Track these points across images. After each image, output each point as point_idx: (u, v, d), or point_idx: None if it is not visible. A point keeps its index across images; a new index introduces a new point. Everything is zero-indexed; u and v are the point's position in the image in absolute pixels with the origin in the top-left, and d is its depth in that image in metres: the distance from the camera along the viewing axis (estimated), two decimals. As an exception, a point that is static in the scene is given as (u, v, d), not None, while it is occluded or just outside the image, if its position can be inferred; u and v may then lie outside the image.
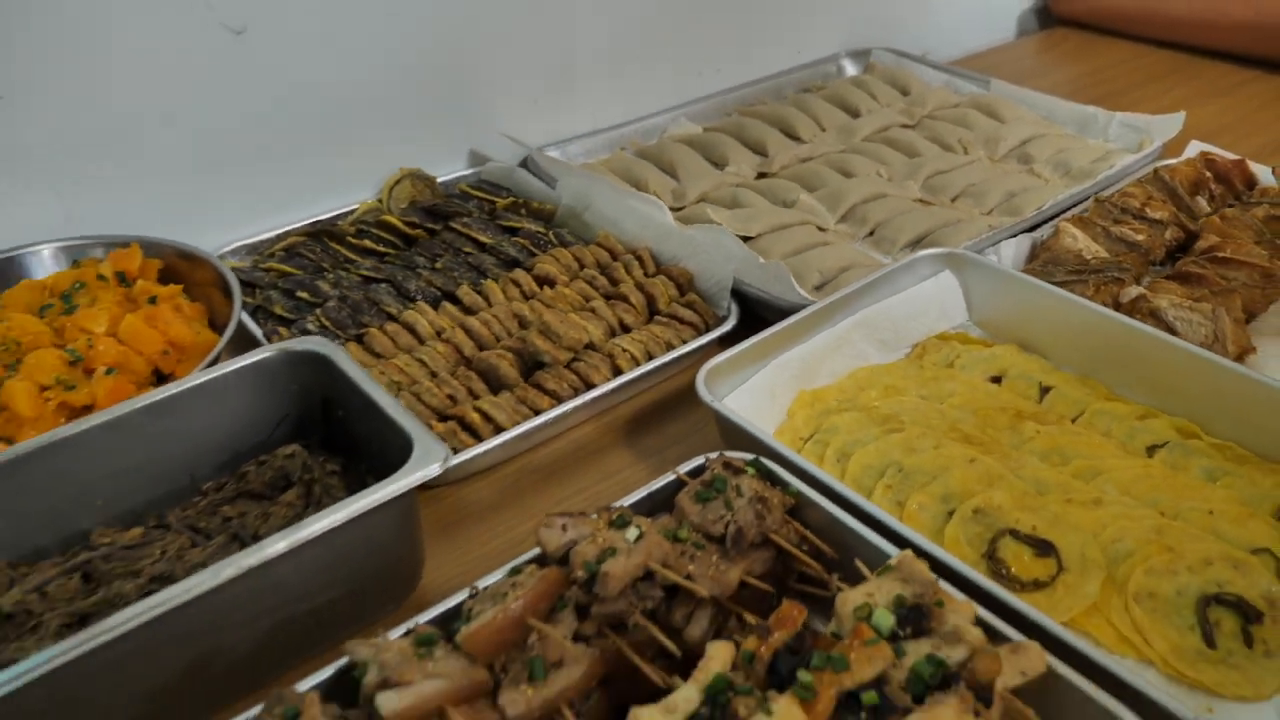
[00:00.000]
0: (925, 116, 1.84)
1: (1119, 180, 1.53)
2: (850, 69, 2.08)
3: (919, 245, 1.42)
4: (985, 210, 1.53)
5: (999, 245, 1.35)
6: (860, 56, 2.09)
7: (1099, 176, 1.55)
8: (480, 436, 1.06)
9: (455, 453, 1.01)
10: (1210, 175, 1.52)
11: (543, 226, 1.43)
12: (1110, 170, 1.56)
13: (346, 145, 1.50)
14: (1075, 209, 1.45)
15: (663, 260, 1.36)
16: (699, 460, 0.90)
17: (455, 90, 1.60)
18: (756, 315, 1.23)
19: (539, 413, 1.09)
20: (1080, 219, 1.40)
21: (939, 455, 1.01)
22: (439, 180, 1.56)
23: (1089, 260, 1.31)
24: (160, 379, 1.09)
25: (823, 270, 1.35)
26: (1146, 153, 1.61)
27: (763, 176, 1.67)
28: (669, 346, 1.20)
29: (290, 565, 0.78)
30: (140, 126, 1.31)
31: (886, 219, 1.49)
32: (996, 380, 1.15)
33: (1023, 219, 1.44)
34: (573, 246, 1.38)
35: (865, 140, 1.75)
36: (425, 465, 0.82)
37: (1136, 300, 1.22)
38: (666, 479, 0.88)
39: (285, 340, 0.99)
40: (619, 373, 1.16)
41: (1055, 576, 0.89)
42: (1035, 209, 1.46)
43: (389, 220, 1.42)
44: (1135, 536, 0.91)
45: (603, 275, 1.32)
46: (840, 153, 1.70)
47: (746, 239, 1.42)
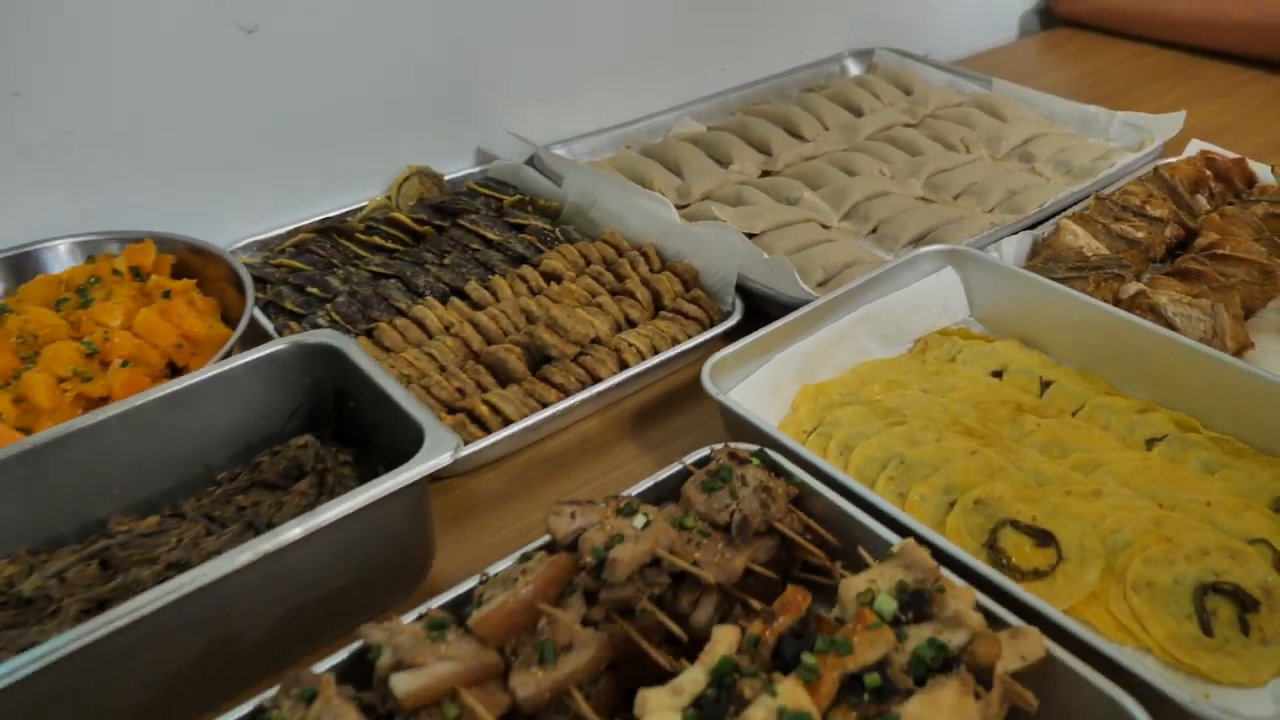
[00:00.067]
0: (928, 116, 1.85)
1: (1120, 178, 1.53)
2: (853, 69, 2.10)
3: (921, 242, 1.43)
4: (987, 208, 1.54)
5: (1000, 242, 1.36)
6: (863, 56, 2.10)
7: (1100, 175, 1.56)
8: (489, 429, 1.08)
9: (464, 444, 1.03)
10: (1210, 173, 1.53)
11: (549, 223, 1.44)
12: (1111, 169, 1.57)
13: (355, 143, 1.52)
14: (1076, 207, 1.46)
15: (668, 256, 1.37)
16: (704, 451, 0.91)
17: (463, 89, 1.61)
18: (760, 311, 1.24)
19: (546, 406, 1.11)
20: (1081, 216, 1.41)
21: (941, 448, 1.02)
22: (446, 178, 1.57)
23: (1089, 257, 1.32)
24: (174, 372, 1.10)
25: (826, 266, 1.36)
26: (1147, 151, 1.62)
27: (767, 175, 1.68)
28: (674, 341, 1.21)
29: (304, 552, 0.80)
30: (153, 124, 1.32)
31: (889, 216, 1.51)
32: (998, 375, 1.16)
33: (1024, 216, 1.45)
34: (579, 243, 1.39)
35: (868, 139, 1.76)
36: (437, 454, 0.83)
37: (1136, 296, 1.23)
38: (673, 469, 0.90)
39: (297, 333, 1.01)
40: (625, 367, 1.17)
41: (1055, 566, 0.90)
42: (1037, 207, 1.47)
43: (398, 217, 1.43)
44: (1134, 527, 0.92)
45: (609, 271, 1.34)
46: (843, 151, 1.71)
47: (751, 236, 1.43)
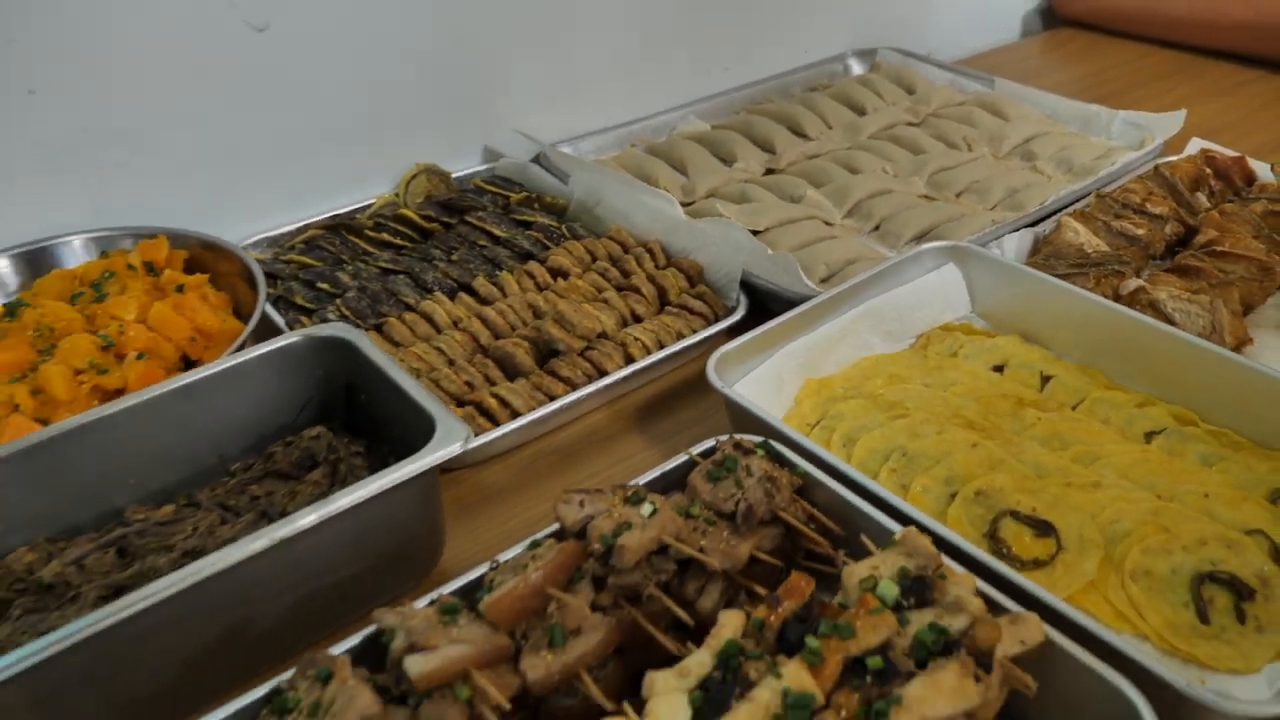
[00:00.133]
0: (930, 114, 1.86)
1: (1121, 176, 1.54)
2: (856, 68, 2.11)
3: (924, 239, 1.44)
4: (989, 206, 1.55)
5: (1002, 239, 1.38)
6: (866, 56, 2.12)
7: (1101, 173, 1.57)
8: (497, 421, 1.09)
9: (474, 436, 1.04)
10: (1210, 171, 1.54)
11: (555, 220, 1.46)
12: (1112, 167, 1.58)
13: (364, 141, 1.54)
14: (1077, 204, 1.47)
15: (673, 253, 1.39)
16: (710, 442, 0.93)
17: (470, 88, 1.63)
18: (764, 307, 1.26)
19: (554, 399, 1.12)
20: (1082, 214, 1.42)
21: (942, 440, 1.04)
22: (454, 176, 1.59)
23: (1090, 254, 1.33)
24: (188, 365, 1.12)
25: (829, 263, 1.37)
26: (1148, 150, 1.63)
27: (771, 173, 1.69)
28: (679, 336, 1.23)
29: (318, 539, 0.81)
30: (165, 122, 1.34)
31: (892, 214, 1.52)
32: (999, 370, 1.17)
33: (1026, 214, 1.46)
34: (585, 240, 1.41)
35: (871, 138, 1.77)
36: (448, 444, 0.85)
37: (1136, 292, 1.25)
38: (679, 459, 0.91)
39: (309, 327, 1.03)
40: (631, 361, 1.19)
41: (1054, 555, 0.91)
42: (1038, 204, 1.48)
43: (406, 214, 1.45)
44: (1132, 518, 0.94)
45: (615, 267, 1.35)
46: (847, 150, 1.72)
47: (755, 233, 1.44)
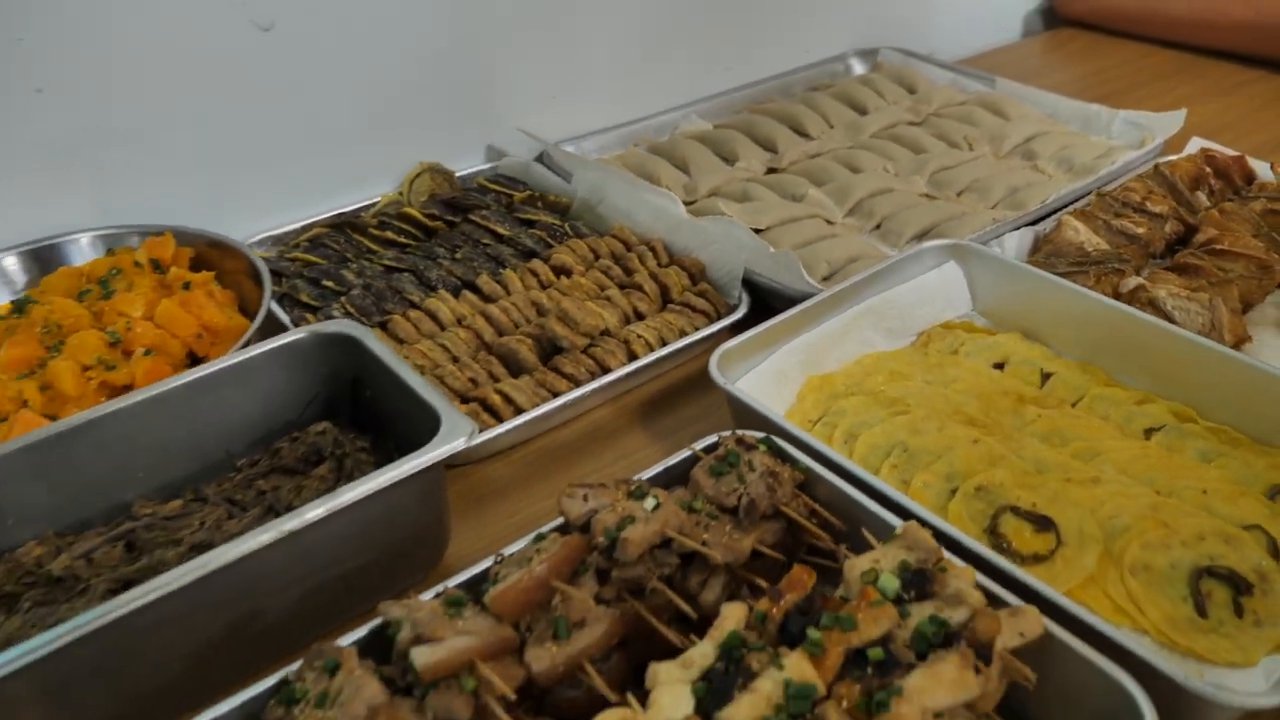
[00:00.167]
0: (931, 114, 1.87)
1: (1121, 175, 1.55)
2: (858, 68, 2.12)
3: (925, 238, 1.45)
4: (990, 204, 1.56)
5: (1003, 237, 1.38)
6: (868, 56, 2.12)
7: (1101, 172, 1.57)
8: (501, 418, 1.10)
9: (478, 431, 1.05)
10: (1210, 171, 1.55)
11: (558, 219, 1.47)
12: (1112, 166, 1.59)
13: (368, 140, 1.55)
14: (1078, 203, 1.48)
15: (675, 251, 1.39)
16: (713, 438, 0.93)
17: (473, 88, 1.64)
18: (766, 305, 1.27)
19: (557, 395, 1.13)
20: (1082, 212, 1.43)
21: (943, 436, 1.05)
22: (457, 174, 1.60)
23: (1090, 252, 1.34)
24: (194, 361, 1.13)
25: (831, 261, 1.38)
26: (1148, 149, 1.63)
27: (772, 172, 1.70)
28: (682, 333, 1.24)
29: (324, 533, 0.82)
30: (171, 120, 1.35)
31: (893, 212, 1.53)
32: (999, 367, 1.18)
33: (1026, 212, 1.46)
34: (588, 238, 1.42)
35: (873, 137, 1.78)
36: (453, 439, 0.86)
37: (1136, 290, 1.25)
38: (682, 455, 0.92)
39: (316, 324, 1.03)
40: (634, 358, 1.19)
41: (1054, 550, 0.92)
42: (1039, 203, 1.49)
43: (410, 212, 1.46)
44: (1131, 513, 0.94)
45: (617, 265, 1.36)
46: (848, 149, 1.73)
47: (757, 231, 1.45)
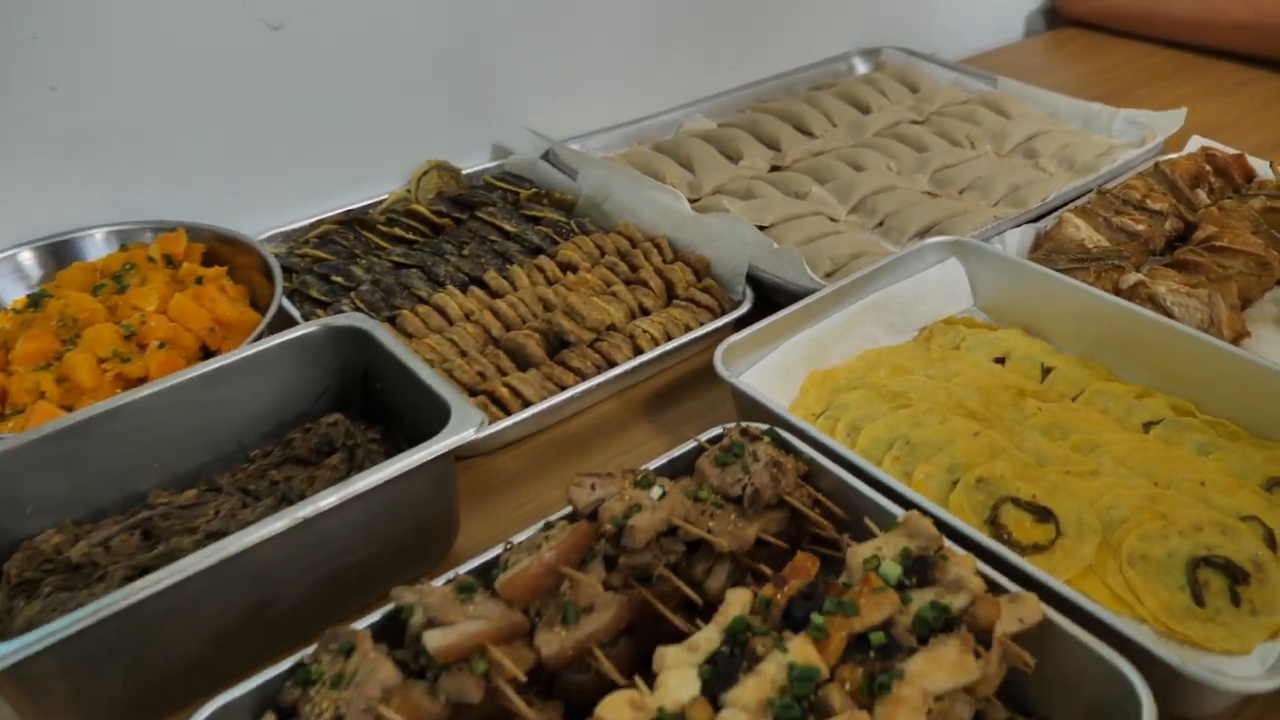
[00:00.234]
0: (933, 113, 1.88)
1: (1121, 174, 1.56)
2: (861, 67, 2.13)
3: (927, 235, 1.46)
4: (991, 202, 1.57)
5: (1004, 234, 1.40)
6: (871, 55, 2.14)
7: (1102, 170, 1.58)
8: (509, 410, 1.12)
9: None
10: (1210, 169, 1.56)
11: (564, 216, 1.48)
12: (1113, 164, 1.60)
13: (376, 138, 1.57)
14: (1078, 201, 1.49)
15: (680, 247, 1.41)
16: (718, 429, 0.95)
17: (480, 86, 1.66)
18: (770, 300, 1.28)
19: (564, 389, 1.15)
20: (1083, 210, 1.44)
21: (944, 429, 1.06)
22: (464, 172, 1.61)
23: (1090, 249, 1.35)
24: (207, 355, 1.15)
25: (834, 257, 1.40)
26: (1148, 147, 1.65)
27: (776, 170, 1.71)
28: (687, 328, 1.25)
29: (337, 520, 0.84)
30: (183, 118, 1.37)
31: (895, 210, 1.54)
32: (1000, 361, 1.19)
33: (1027, 210, 1.47)
34: (594, 234, 1.43)
35: (875, 135, 1.80)
36: (463, 429, 0.88)
37: (1135, 286, 1.27)
38: (687, 446, 0.93)
39: (327, 317, 1.05)
40: (640, 352, 1.21)
41: (1054, 541, 0.93)
42: (1040, 200, 1.50)
43: (418, 209, 1.48)
44: (1130, 504, 0.96)
45: (623, 262, 1.38)
46: (851, 147, 1.75)
47: (761, 228, 1.46)
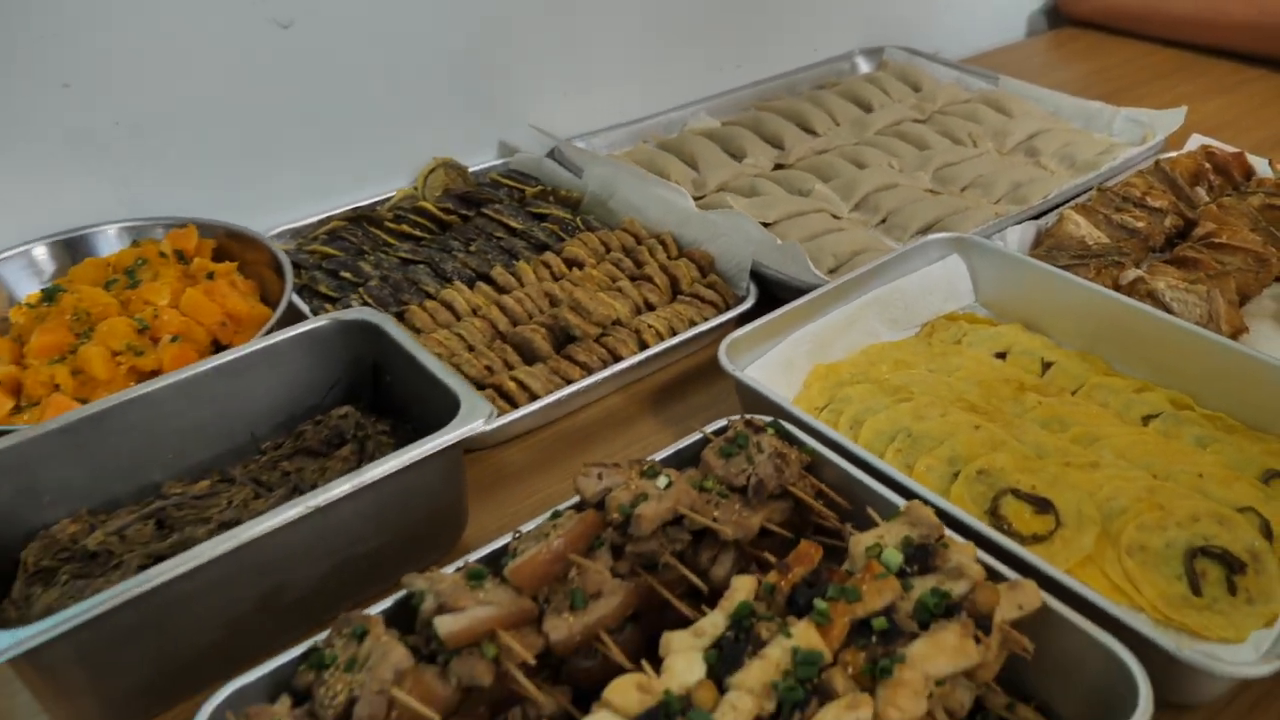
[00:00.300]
0: (936, 111, 1.89)
1: (1122, 172, 1.57)
2: (864, 66, 2.15)
3: (929, 232, 1.48)
4: (993, 200, 1.59)
5: (1005, 231, 1.41)
6: (873, 54, 2.15)
7: (1103, 168, 1.59)
8: (516, 404, 1.13)
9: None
10: (1210, 167, 1.57)
11: (570, 213, 1.50)
12: (1114, 162, 1.61)
13: (383, 136, 1.58)
14: (1079, 198, 1.50)
15: (685, 244, 1.42)
16: (722, 422, 0.96)
17: (486, 85, 1.67)
18: (774, 296, 1.29)
19: (571, 382, 1.16)
20: (1083, 207, 1.46)
21: (946, 422, 1.07)
22: (471, 170, 1.63)
23: (1091, 245, 1.37)
24: (218, 349, 1.16)
25: (837, 254, 1.41)
26: (1149, 146, 1.66)
27: (780, 168, 1.73)
28: (691, 323, 1.27)
29: (348, 510, 0.86)
30: (193, 116, 1.39)
31: (898, 207, 1.56)
32: (1001, 356, 1.21)
33: (1029, 207, 1.49)
34: (599, 231, 1.45)
35: (878, 134, 1.81)
36: (472, 420, 0.89)
37: (1135, 282, 1.28)
38: (693, 438, 0.95)
39: (338, 311, 1.07)
40: (645, 347, 1.23)
41: (1053, 531, 0.95)
42: (1041, 198, 1.51)
43: (425, 206, 1.49)
44: (1128, 495, 0.97)
45: (628, 258, 1.39)
46: (854, 145, 1.76)
47: (764, 225, 1.47)
